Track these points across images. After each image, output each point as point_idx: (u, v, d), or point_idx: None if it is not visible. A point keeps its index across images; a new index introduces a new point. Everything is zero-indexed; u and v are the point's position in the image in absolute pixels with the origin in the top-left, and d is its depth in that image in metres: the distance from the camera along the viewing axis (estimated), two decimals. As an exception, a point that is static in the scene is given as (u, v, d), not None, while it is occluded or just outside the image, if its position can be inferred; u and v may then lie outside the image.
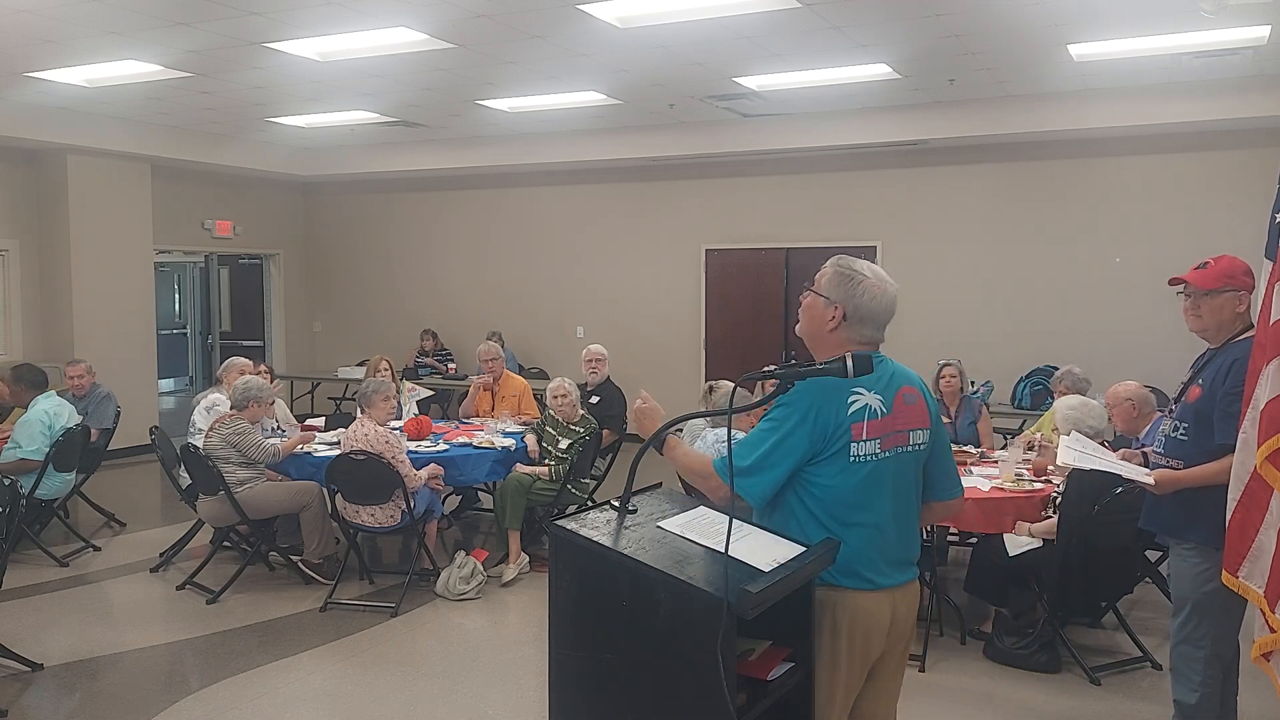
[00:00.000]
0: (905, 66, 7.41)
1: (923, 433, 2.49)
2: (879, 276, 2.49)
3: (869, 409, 2.38)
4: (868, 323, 2.45)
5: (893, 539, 2.44)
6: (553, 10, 5.95)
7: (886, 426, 2.41)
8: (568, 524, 2.28)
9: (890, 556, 2.44)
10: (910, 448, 2.47)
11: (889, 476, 2.42)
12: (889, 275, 2.54)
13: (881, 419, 2.40)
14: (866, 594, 2.41)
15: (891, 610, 2.45)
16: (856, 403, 2.37)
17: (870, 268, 2.50)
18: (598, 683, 2.23)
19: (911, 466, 2.48)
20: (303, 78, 7.71)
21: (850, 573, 2.40)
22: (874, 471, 2.39)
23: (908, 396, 2.47)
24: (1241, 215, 7.99)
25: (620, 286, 11.13)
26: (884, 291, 2.47)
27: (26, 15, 6.04)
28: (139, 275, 10.47)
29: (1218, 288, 3.22)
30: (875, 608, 2.43)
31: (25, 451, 6.21)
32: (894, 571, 2.45)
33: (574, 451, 6.12)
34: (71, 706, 4.31)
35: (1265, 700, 3.92)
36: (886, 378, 2.45)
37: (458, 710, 4.24)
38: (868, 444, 2.37)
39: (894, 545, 2.44)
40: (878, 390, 2.41)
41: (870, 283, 2.46)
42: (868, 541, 2.40)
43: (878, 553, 2.42)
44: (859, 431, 2.36)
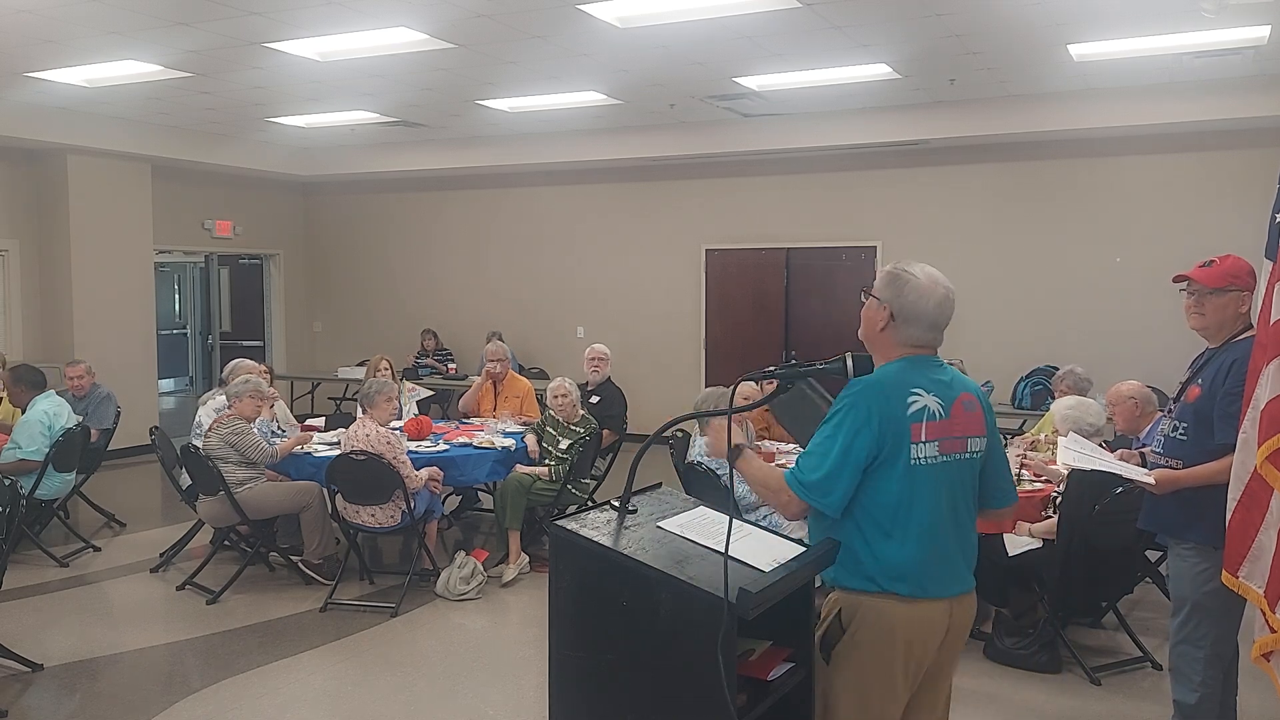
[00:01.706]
0: (905, 66, 7.41)
1: (979, 440, 2.46)
2: (930, 277, 2.44)
3: (928, 410, 2.35)
4: (914, 323, 2.40)
5: (951, 546, 2.41)
6: (553, 10, 5.95)
7: (945, 430, 2.38)
8: (568, 524, 2.28)
9: (948, 564, 2.41)
10: (968, 455, 2.44)
11: (945, 482, 2.39)
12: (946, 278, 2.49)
13: (940, 422, 2.37)
14: (922, 603, 2.35)
15: (949, 620, 2.41)
16: (916, 403, 2.34)
17: (923, 269, 2.46)
18: (598, 683, 2.23)
19: (969, 473, 2.46)
20: (303, 78, 7.71)
21: (904, 578, 2.33)
22: (931, 475, 2.35)
23: (967, 404, 2.44)
24: (1242, 215, 7.99)
25: (620, 286, 11.13)
26: (932, 292, 2.41)
27: (26, 15, 6.03)
28: (139, 275, 10.47)
29: (1223, 286, 3.22)
30: (931, 617, 2.39)
31: (25, 452, 6.21)
32: (951, 580, 2.42)
33: (574, 451, 6.12)
34: (71, 707, 4.31)
35: (1265, 700, 3.92)
36: (946, 382, 2.43)
37: (458, 710, 4.24)
38: (927, 446, 2.34)
39: (952, 553, 2.41)
40: (937, 393, 2.38)
41: (917, 283, 2.42)
42: (924, 547, 2.34)
43: (935, 559, 2.37)
44: (918, 433, 2.33)
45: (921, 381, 2.37)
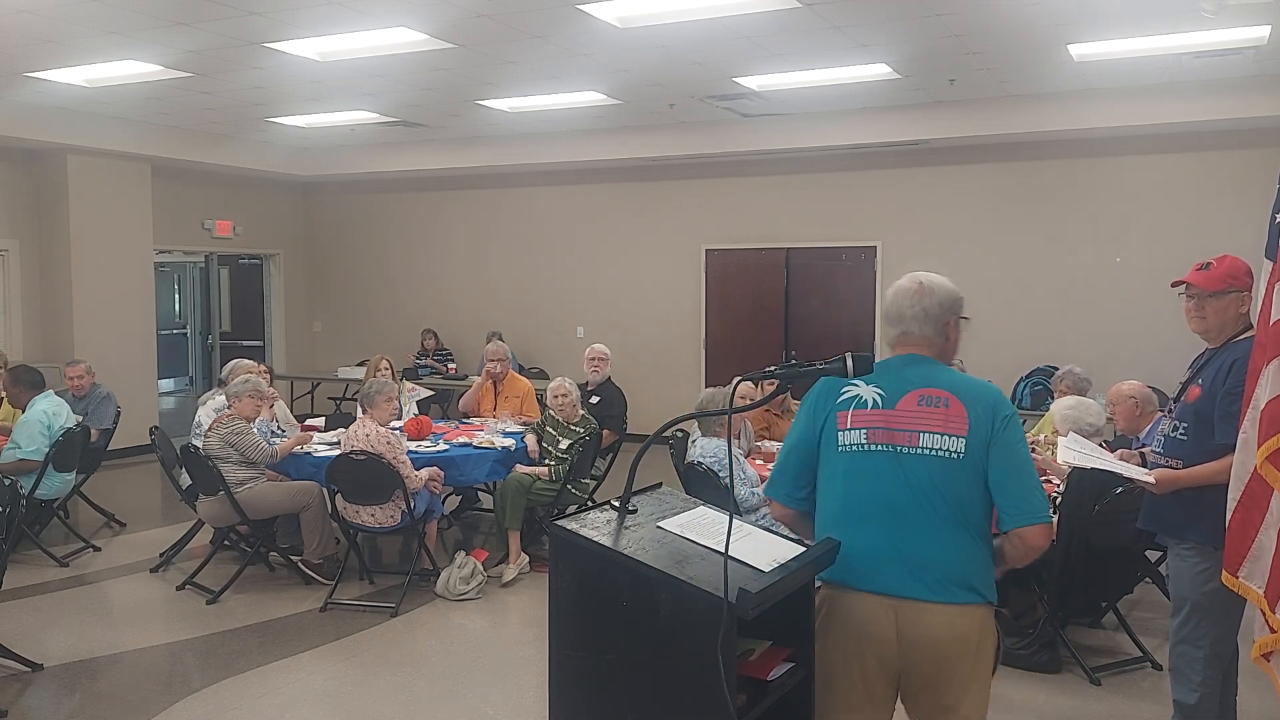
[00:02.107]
0: (905, 66, 7.41)
1: (944, 437, 2.35)
2: (907, 276, 2.57)
3: (858, 399, 2.43)
4: (887, 321, 2.57)
5: (888, 542, 2.35)
6: (553, 10, 5.95)
7: (878, 420, 2.39)
8: (568, 524, 2.28)
9: (882, 560, 2.35)
10: (917, 450, 2.36)
11: (876, 472, 2.38)
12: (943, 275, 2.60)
13: (873, 411, 2.40)
14: (858, 594, 2.38)
15: (895, 623, 2.35)
16: (848, 393, 2.45)
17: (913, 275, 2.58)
18: (598, 683, 2.23)
19: (925, 471, 2.35)
20: (303, 78, 7.71)
21: (841, 567, 2.38)
22: (857, 463, 2.40)
23: (932, 399, 2.38)
24: (1242, 215, 7.99)
25: (620, 286, 11.13)
26: (895, 287, 2.56)
27: (26, 15, 6.03)
28: (139, 275, 10.46)
29: (1223, 289, 3.22)
30: (869, 612, 2.37)
31: (25, 452, 6.21)
32: (889, 580, 2.35)
33: (574, 451, 6.12)
34: (71, 707, 4.31)
35: (1265, 700, 3.92)
36: (909, 376, 2.43)
37: (458, 710, 4.24)
38: (852, 433, 2.41)
39: (890, 550, 2.35)
40: (882, 384, 2.42)
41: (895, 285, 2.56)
42: (849, 534, 2.37)
43: (865, 550, 2.36)
44: (843, 420, 2.42)
45: (869, 376, 2.38)
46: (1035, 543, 2.32)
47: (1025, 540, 2.33)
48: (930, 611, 2.34)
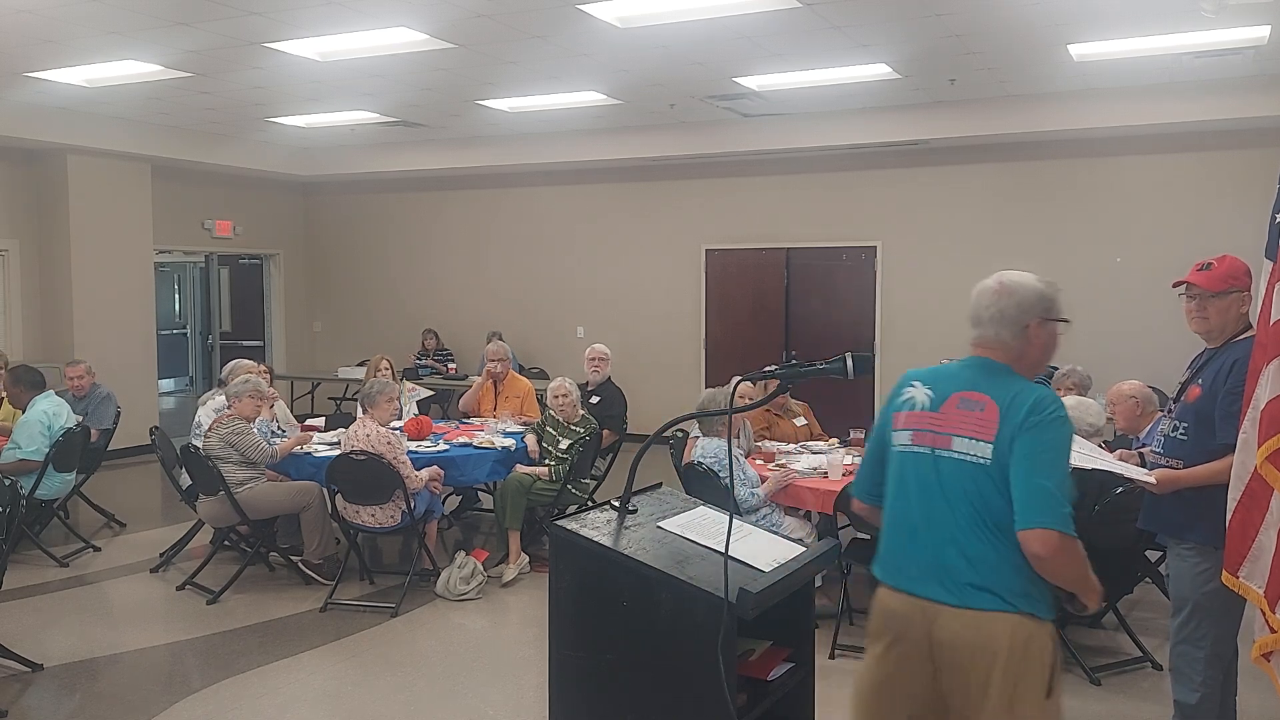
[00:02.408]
0: (905, 66, 7.41)
1: (974, 442, 2.31)
2: (992, 277, 2.50)
3: (911, 401, 2.44)
4: (969, 321, 2.49)
5: (922, 543, 2.36)
6: (553, 10, 5.95)
7: (922, 422, 2.40)
8: (568, 524, 2.28)
9: (916, 560, 2.36)
10: (951, 453, 2.34)
11: (916, 473, 2.39)
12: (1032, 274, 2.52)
13: (920, 413, 2.41)
14: (889, 590, 2.42)
15: (925, 624, 2.33)
16: (905, 394, 2.47)
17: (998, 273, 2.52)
18: (598, 683, 2.23)
19: (957, 474, 2.33)
20: (303, 78, 7.71)
21: (882, 565, 2.45)
22: (902, 463, 2.42)
23: (970, 402, 2.36)
24: (1242, 215, 7.99)
25: (620, 286, 11.13)
26: (975, 289, 2.50)
27: (26, 15, 6.03)
28: (139, 275, 10.46)
29: (1225, 289, 3.22)
30: (897, 607, 2.38)
31: (25, 452, 6.20)
32: (918, 580, 2.35)
33: (574, 452, 6.12)
34: (71, 707, 4.31)
35: (1265, 700, 3.92)
36: (955, 378, 2.42)
37: (458, 710, 4.24)
38: (901, 434, 2.43)
39: (923, 551, 2.35)
40: (934, 386, 2.43)
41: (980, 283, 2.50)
42: (892, 534, 2.43)
43: (901, 551, 2.40)
44: (897, 420, 2.46)
45: (928, 375, 2.45)
46: (1031, 548, 2.22)
47: (1024, 545, 2.24)
48: (952, 615, 2.30)
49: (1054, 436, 2.27)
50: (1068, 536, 2.21)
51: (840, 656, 4.72)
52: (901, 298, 9.82)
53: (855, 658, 4.71)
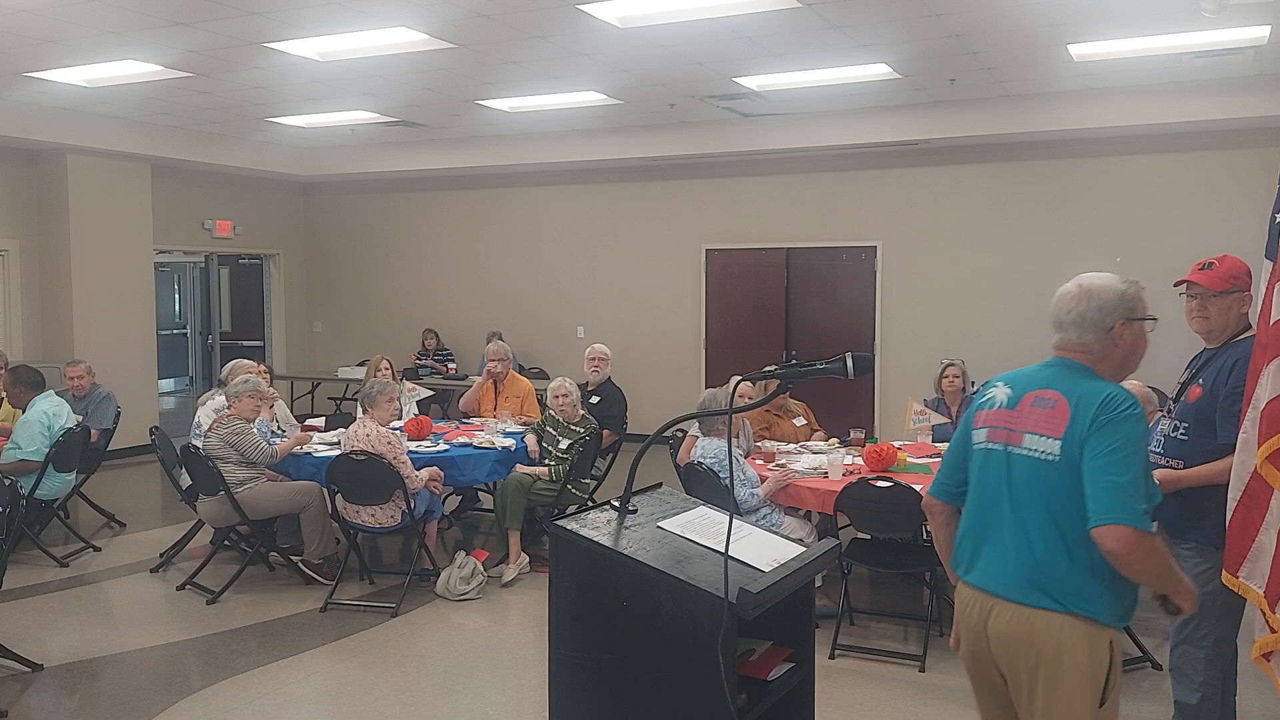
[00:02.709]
0: (905, 66, 7.41)
1: (1043, 439, 2.33)
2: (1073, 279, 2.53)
3: (992, 400, 2.50)
4: (1051, 324, 2.51)
5: (993, 540, 2.40)
6: (553, 10, 5.95)
7: (998, 419, 2.45)
8: (568, 524, 2.28)
9: (986, 556, 2.42)
10: (1023, 450, 2.37)
11: (990, 470, 2.44)
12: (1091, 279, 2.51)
13: (997, 411, 2.46)
14: (963, 585, 2.50)
15: (983, 616, 2.39)
16: (988, 394, 2.54)
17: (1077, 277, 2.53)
18: (598, 683, 2.23)
19: (1028, 472, 2.35)
20: (303, 78, 7.71)
21: (958, 556, 2.52)
22: (978, 458, 2.48)
23: (1042, 400, 2.38)
24: (1242, 215, 7.99)
25: (620, 286, 11.13)
26: (1056, 294, 2.52)
27: (26, 15, 6.03)
28: (139, 275, 10.46)
29: (1226, 289, 3.22)
30: (965, 598, 2.48)
31: (25, 452, 6.20)
32: (985, 574, 2.42)
33: (574, 451, 6.12)
34: (71, 707, 4.31)
35: (1265, 700, 3.92)
36: (1033, 378, 2.46)
37: (458, 710, 4.24)
38: (979, 431, 2.50)
39: (992, 546, 2.40)
40: (1013, 385, 2.48)
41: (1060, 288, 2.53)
42: (966, 529, 2.50)
43: (972, 545, 2.47)
44: (978, 419, 2.52)
45: (1012, 375, 2.52)
46: (1105, 545, 2.19)
47: (1099, 542, 2.20)
48: (1004, 610, 2.36)
49: (1126, 433, 2.25)
50: (1143, 532, 2.18)
51: (840, 656, 4.72)
52: (901, 298, 9.82)
53: (855, 658, 4.73)
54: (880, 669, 4.64)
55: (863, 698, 4.33)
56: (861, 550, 5.11)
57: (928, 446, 6.14)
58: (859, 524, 5.00)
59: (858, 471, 5.19)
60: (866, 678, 4.54)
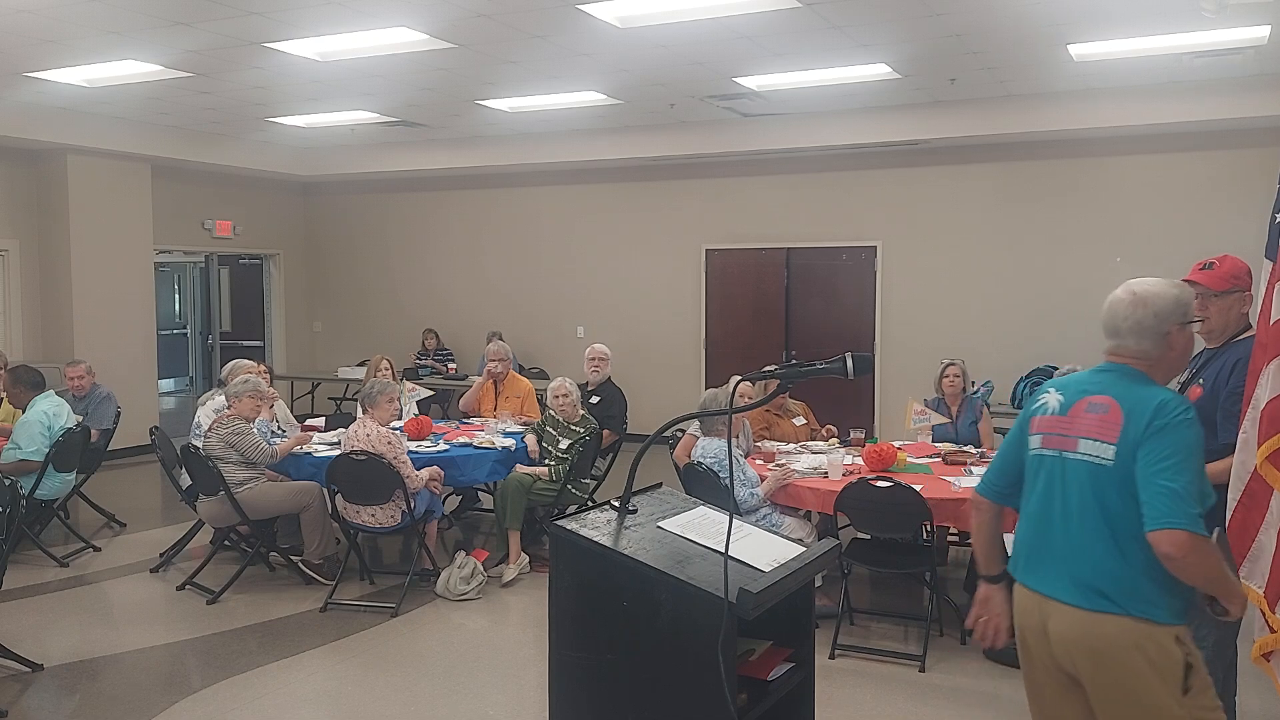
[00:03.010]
0: (905, 66, 7.41)
1: (1097, 444, 2.37)
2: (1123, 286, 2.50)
3: (1045, 406, 2.54)
4: (1104, 332, 2.50)
5: (1050, 544, 2.45)
6: (553, 10, 5.95)
7: (1052, 426, 2.49)
8: (568, 524, 2.28)
9: (1040, 558, 2.47)
10: (1077, 455, 2.41)
11: (1046, 475, 2.48)
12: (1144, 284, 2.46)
13: (1050, 417, 2.51)
14: (1019, 588, 2.54)
15: (1042, 619, 2.44)
16: (1041, 400, 2.57)
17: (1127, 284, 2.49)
18: (598, 683, 2.23)
19: (1082, 476, 2.39)
20: (303, 78, 7.71)
21: (1015, 561, 2.57)
22: (1033, 464, 2.53)
23: (1095, 405, 2.41)
24: (1242, 215, 8.00)
25: (620, 286, 11.13)
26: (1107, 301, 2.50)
27: (26, 15, 6.04)
28: (139, 275, 10.47)
29: (1228, 289, 3.22)
30: (1022, 601, 2.52)
31: (25, 452, 6.20)
32: (1040, 577, 2.46)
33: (574, 452, 6.12)
34: (71, 707, 4.31)
35: (1265, 700, 3.92)
36: (1086, 383, 2.49)
37: (458, 710, 4.24)
38: (1035, 437, 2.54)
39: (1048, 550, 2.45)
40: (1065, 392, 2.52)
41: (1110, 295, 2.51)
42: (1023, 532, 2.55)
43: (1029, 548, 2.51)
44: (1033, 425, 2.56)
45: (1064, 381, 2.56)
46: (1161, 549, 2.22)
47: (1155, 546, 2.24)
48: (1063, 613, 2.39)
49: (1181, 439, 2.29)
50: (1198, 536, 2.21)
51: (840, 656, 4.72)
52: (901, 298, 9.82)
53: (855, 658, 4.73)
54: (880, 669, 4.64)
55: (863, 698, 4.34)
56: (861, 550, 5.12)
57: (928, 446, 6.14)
58: (859, 524, 5.00)
59: (858, 471, 5.19)
60: (866, 678, 4.54)
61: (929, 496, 4.69)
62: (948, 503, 4.78)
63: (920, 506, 4.66)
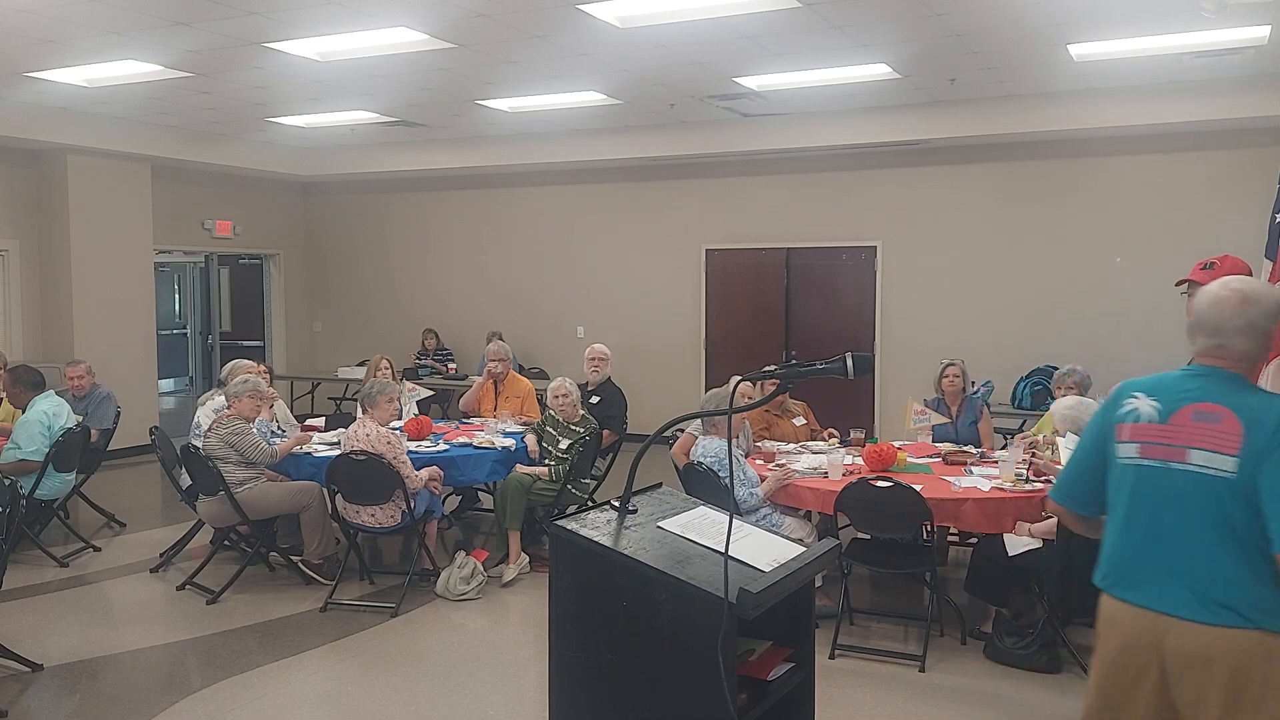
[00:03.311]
0: (905, 66, 7.41)
1: (1213, 455, 2.26)
2: (1219, 284, 2.43)
3: (1136, 413, 2.41)
4: (1201, 332, 2.41)
5: (1162, 559, 2.31)
6: (553, 10, 5.95)
7: (1151, 434, 2.36)
8: (568, 524, 2.28)
9: (1153, 576, 2.32)
10: (1189, 466, 2.29)
11: (1154, 488, 2.34)
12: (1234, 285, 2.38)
13: (1147, 425, 2.37)
14: (1125, 605, 2.36)
15: (1156, 637, 2.29)
16: (1127, 405, 2.44)
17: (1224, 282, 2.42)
18: (598, 683, 2.23)
19: (1200, 489, 2.28)
20: (303, 78, 7.71)
21: (1112, 577, 2.41)
22: (1130, 474, 2.39)
23: (1204, 414, 2.31)
24: (1242, 215, 7.99)
25: (620, 286, 11.13)
26: (1206, 294, 2.42)
27: (26, 15, 6.03)
28: (139, 275, 10.46)
29: None
30: (1125, 619, 2.35)
31: (25, 452, 6.20)
32: (1156, 595, 2.31)
33: (574, 451, 6.12)
34: (71, 707, 4.31)
35: None
36: (1182, 389, 2.38)
37: (458, 710, 4.24)
38: (1126, 446, 2.41)
39: (1163, 566, 2.31)
40: (1160, 398, 2.39)
41: (1204, 290, 2.44)
42: (1121, 546, 2.39)
43: (1132, 563, 2.36)
44: (1120, 432, 2.43)
45: (1151, 385, 2.43)
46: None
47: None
48: (1185, 630, 2.27)
49: None
50: None
51: (840, 656, 4.72)
52: (901, 298, 9.82)
53: (855, 658, 4.73)
54: (880, 669, 4.64)
55: (863, 698, 4.34)
56: (861, 550, 5.11)
57: (928, 446, 6.14)
58: (859, 524, 5.00)
59: (858, 471, 5.19)
60: (866, 678, 4.54)
61: (929, 496, 4.69)
62: (948, 503, 4.78)
63: (920, 506, 4.66)
